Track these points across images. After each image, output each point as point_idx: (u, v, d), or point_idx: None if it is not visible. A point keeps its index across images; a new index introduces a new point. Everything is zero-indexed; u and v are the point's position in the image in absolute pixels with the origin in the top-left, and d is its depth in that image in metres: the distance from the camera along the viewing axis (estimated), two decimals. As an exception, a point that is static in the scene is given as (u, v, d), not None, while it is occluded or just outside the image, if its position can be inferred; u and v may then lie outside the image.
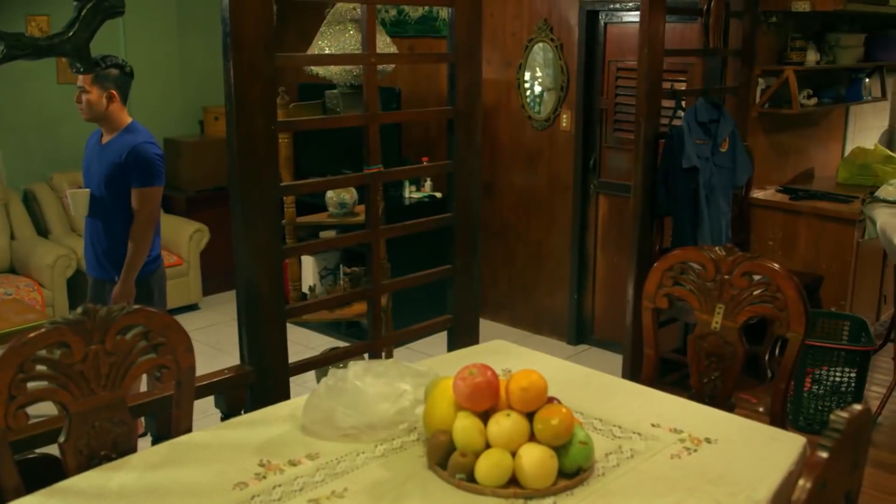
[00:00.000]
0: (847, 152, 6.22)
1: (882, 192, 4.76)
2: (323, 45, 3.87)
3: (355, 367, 2.23)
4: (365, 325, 4.39)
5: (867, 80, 5.91)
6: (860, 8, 5.10)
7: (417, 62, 6.23)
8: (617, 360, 4.68)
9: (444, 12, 3.14)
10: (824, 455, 1.50)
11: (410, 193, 6.04)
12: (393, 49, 3.97)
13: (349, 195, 4.51)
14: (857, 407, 1.62)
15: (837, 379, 4.28)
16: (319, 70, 3.98)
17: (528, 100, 5.68)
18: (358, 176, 3.02)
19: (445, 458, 1.95)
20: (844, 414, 1.57)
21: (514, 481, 1.90)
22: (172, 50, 6.98)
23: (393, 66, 3.92)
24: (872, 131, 6.81)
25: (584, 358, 5.50)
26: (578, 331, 5.76)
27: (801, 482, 1.47)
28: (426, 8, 6.02)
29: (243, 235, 2.63)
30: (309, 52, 3.95)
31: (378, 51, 3.07)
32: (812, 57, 5.21)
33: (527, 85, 5.67)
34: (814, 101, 5.36)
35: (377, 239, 3.05)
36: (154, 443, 2.44)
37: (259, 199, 2.63)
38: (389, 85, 5.97)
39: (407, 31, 6.21)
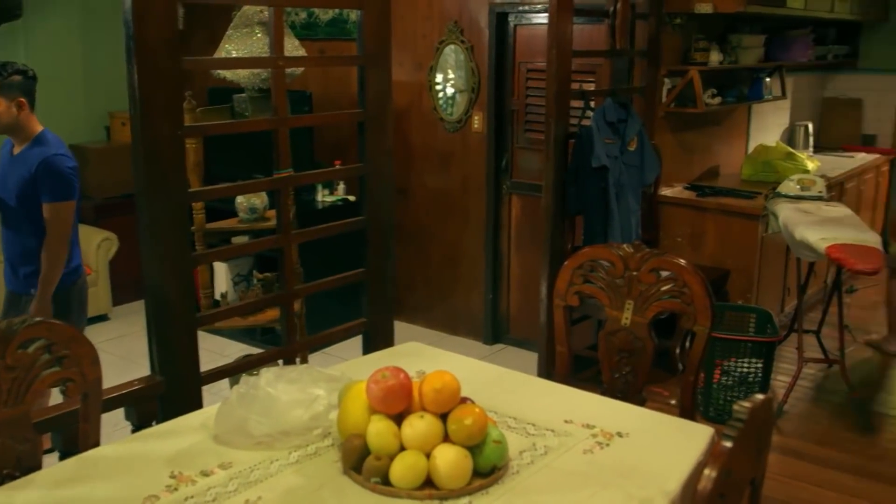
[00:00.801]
0: (750, 150, 6.40)
1: (783, 188, 4.92)
2: (230, 48, 3.82)
3: (267, 374, 2.20)
4: (279, 330, 4.35)
5: (768, 79, 6.10)
6: (760, 10, 5.26)
7: (326, 65, 6.20)
8: (532, 358, 4.73)
9: (355, 15, 3.13)
10: (728, 444, 1.54)
11: (323, 197, 6.00)
12: (301, 52, 3.94)
13: (259, 200, 4.46)
14: (760, 396, 1.67)
15: (745, 370, 4.40)
16: (227, 74, 3.92)
17: (441, 102, 5.70)
18: (267, 180, 2.99)
19: (360, 461, 1.94)
20: (747, 404, 1.62)
21: (429, 483, 1.90)
22: (76, 54, 6.78)
23: (302, 69, 3.88)
24: (774, 129, 7.02)
25: (501, 357, 5.54)
26: (494, 330, 5.80)
27: (706, 471, 1.51)
28: (336, 10, 5.99)
29: (151, 243, 2.57)
30: (215, 55, 3.89)
31: (286, 54, 3.04)
32: (715, 57, 5.35)
33: (438, 87, 5.69)
34: (718, 100, 5.50)
35: (288, 244, 3.03)
36: (61, 459, 2.37)
37: (166, 205, 2.58)
38: (300, 88, 5.92)
39: (317, 34, 6.17)
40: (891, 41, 7.69)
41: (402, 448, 1.93)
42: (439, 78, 5.68)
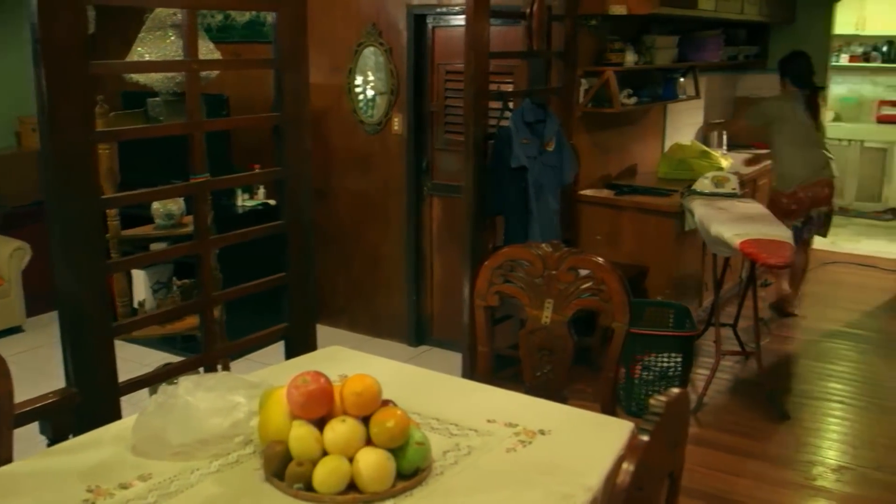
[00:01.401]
0: (666, 148, 6.53)
1: (698, 186, 5.03)
2: (142, 51, 3.75)
3: (185, 383, 2.17)
4: (200, 338, 4.28)
5: (682, 79, 6.22)
6: (672, 11, 5.37)
7: (240, 68, 6.12)
8: (457, 358, 4.75)
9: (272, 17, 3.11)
10: (645, 438, 1.57)
11: (243, 202, 5.93)
12: (216, 55, 3.88)
13: (176, 206, 4.38)
14: (675, 390, 1.71)
15: (665, 364, 4.49)
16: (140, 78, 3.85)
17: (361, 104, 5.68)
18: (183, 186, 2.94)
19: (282, 468, 1.93)
20: (662, 398, 1.65)
21: (352, 487, 1.89)
22: (-19, 58, 6.59)
23: (217, 72, 3.83)
24: (688, 128, 7.17)
25: (425, 359, 5.55)
26: (418, 332, 5.81)
27: (624, 465, 1.53)
28: (253, 13, 5.92)
29: (62, 252, 2.51)
30: (128, 59, 3.81)
31: (200, 56, 3.00)
32: (630, 58, 5.44)
33: (358, 89, 5.67)
34: (633, 100, 5.59)
35: (206, 250, 2.98)
36: (-29, 477, 2.29)
37: (78, 213, 2.52)
38: (217, 91, 5.84)
39: (233, 37, 6.09)
40: (797, 42, 7.89)
41: (325, 453, 1.92)
42: (359, 80, 5.66)
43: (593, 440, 2.21)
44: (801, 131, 5.81)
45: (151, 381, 3.00)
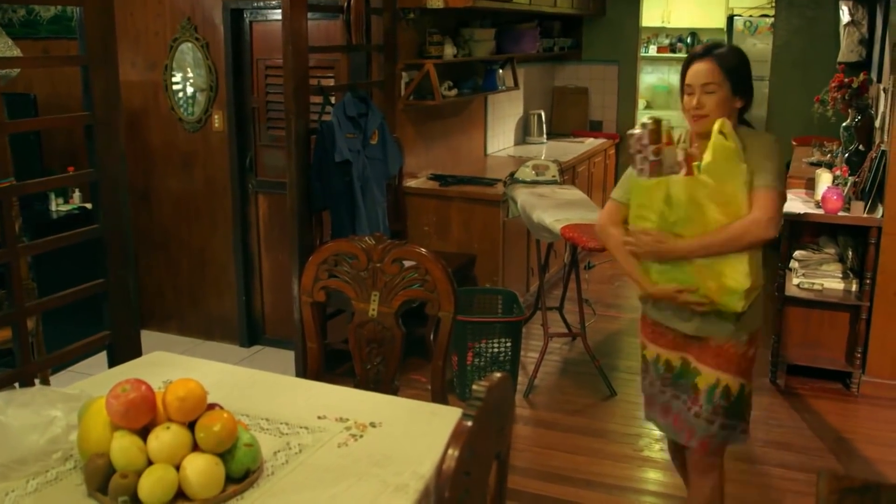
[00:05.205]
0: (489, 138, 6.67)
1: (520, 174, 5.16)
2: (-65, 50, 3.52)
3: (-4, 400, 2.06)
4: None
5: (501, 71, 6.37)
6: (488, 4, 5.49)
7: (46, 66, 5.81)
8: (290, 357, 4.70)
9: (75, 13, 2.98)
10: (468, 423, 1.60)
11: (58, 206, 5.65)
12: (16, 52, 3.69)
13: (-18, 213, 4.13)
14: (497, 375, 1.75)
15: (496, 350, 4.59)
16: (-67, 78, 3.62)
17: (181, 101, 5.52)
18: (-15, 192, 2.78)
19: (105, 482, 1.86)
20: (485, 383, 1.69)
21: (181, 495, 1.85)
22: None
23: (18, 70, 3.63)
24: (510, 118, 7.35)
25: (258, 359, 5.46)
26: (250, 332, 5.71)
27: (449, 451, 1.56)
28: (59, 7, 5.64)
29: None
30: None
31: (-2, 55, 2.85)
32: (449, 51, 5.52)
33: (177, 86, 5.51)
34: (454, 91, 5.68)
35: (15, 258, 2.83)
36: None
37: None
38: (24, 91, 5.55)
39: (39, 32, 5.79)
40: (608, 34, 8.27)
41: (150, 462, 1.87)
42: (178, 77, 5.49)
43: (424, 429, 2.24)
44: None
45: (-40, 400, 2.82)
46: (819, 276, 4.79)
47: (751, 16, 9.73)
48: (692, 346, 2.83)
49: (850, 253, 4.83)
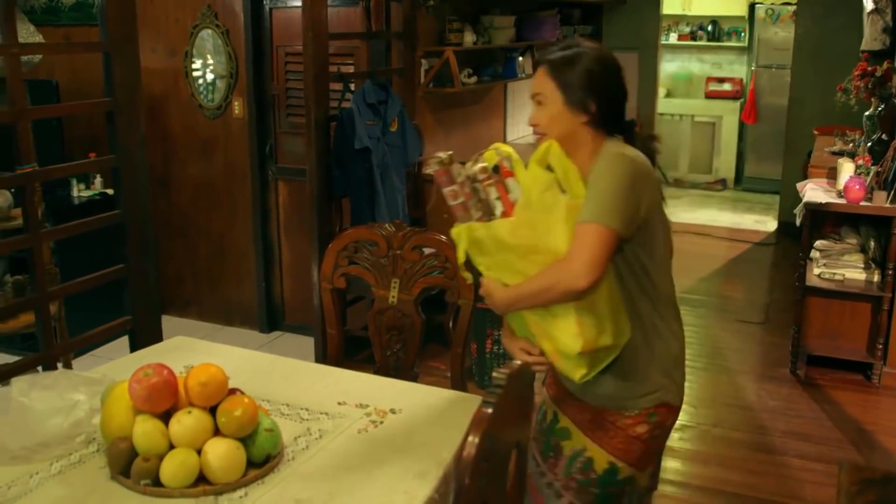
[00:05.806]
0: (509, 126, 6.65)
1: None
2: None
3: (19, 383, 2.07)
4: (38, 336, 4.09)
5: (520, 58, 6.34)
6: (509, -9, 5.47)
7: (68, 52, 5.83)
8: (310, 343, 4.72)
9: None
10: (489, 410, 1.60)
11: (80, 192, 5.68)
12: (39, 38, 3.71)
13: (3, 198, 4.17)
14: (517, 363, 1.75)
15: (514, 338, 4.57)
16: (-43, 64, 3.63)
17: (201, 88, 5.53)
18: (9, 177, 2.80)
19: (128, 465, 1.87)
20: (505, 370, 1.69)
21: (202, 479, 1.86)
22: None
23: (40, 56, 3.65)
24: (529, 106, 7.30)
25: (278, 345, 5.49)
26: (270, 318, 5.73)
27: (469, 438, 1.56)
28: (80, -6, 5.66)
29: None
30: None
31: (21, 41, 2.86)
32: (469, 38, 5.50)
33: (197, 73, 5.52)
34: (474, 79, 5.66)
35: (38, 243, 2.85)
36: None
37: None
38: (46, 77, 5.58)
39: (61, 19, 5.81)
40: (628, 21, 8.22)
41: (172, 446, 1.88)
42: (198, 63, 5.50)
43: (444, 416, 2.24)
44: None
45: (-16, 383, 2.85)
46: (840, 267, 4.76)
47: (773, 3, 9.63)
48: (569, 403, 2.24)
49: (872, 243, 4.79)
